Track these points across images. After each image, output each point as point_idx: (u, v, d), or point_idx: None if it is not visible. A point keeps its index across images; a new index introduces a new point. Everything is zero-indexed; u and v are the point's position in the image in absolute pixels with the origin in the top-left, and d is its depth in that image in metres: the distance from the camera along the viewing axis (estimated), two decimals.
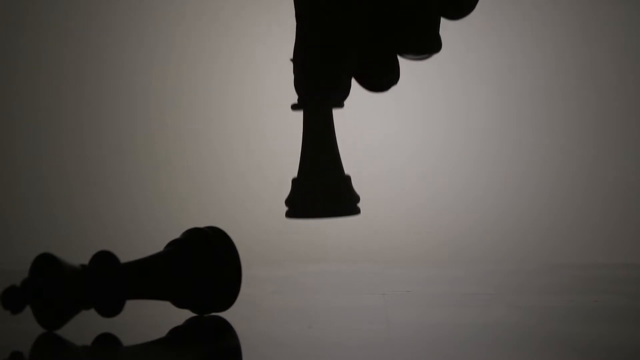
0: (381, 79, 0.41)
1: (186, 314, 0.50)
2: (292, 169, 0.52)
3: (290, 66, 0.46)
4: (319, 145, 0.49)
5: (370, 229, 1.10)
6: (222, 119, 1.11)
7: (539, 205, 1.09)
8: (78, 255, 0.53)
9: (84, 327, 0.46)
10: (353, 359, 0.39)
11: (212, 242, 0.49)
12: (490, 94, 1.09)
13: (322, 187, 0.49)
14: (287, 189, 0.50)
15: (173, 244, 0.49)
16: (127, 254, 0.50)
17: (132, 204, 1.11)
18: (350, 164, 0.63)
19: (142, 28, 1.12)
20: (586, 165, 1.09)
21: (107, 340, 0.44)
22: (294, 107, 0.48)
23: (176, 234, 0.51)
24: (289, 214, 0.49)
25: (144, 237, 1.07)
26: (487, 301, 0.56)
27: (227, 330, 0.47)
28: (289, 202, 0.49)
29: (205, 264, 0.49)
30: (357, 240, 1.02)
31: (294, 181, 0.49)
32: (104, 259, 0.46)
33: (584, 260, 1.02)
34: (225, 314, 0.50)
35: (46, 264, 0.44)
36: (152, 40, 1.12)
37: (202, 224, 0.56)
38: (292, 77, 0.46)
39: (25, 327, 0.45)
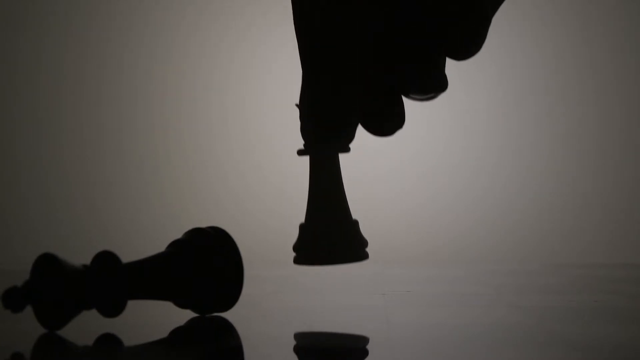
0: (387, 124, 0.40)
1: (187, 314, 0.50)
2: (293, 170, 0.53)
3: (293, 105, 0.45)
4: (326, 191, 0.49)
5: (370, 229, 1.10)
6: (222, 119, 1.11)
7: (539, 205, 1.09)
8: (78, 255, 0.53)
9: (86, 327, 0.46)
10: (353, 359, 0.39)
11: (214, 243, 0.49)
12: (491, 95, 1.09)
13: (330, 234, 0.49)
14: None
15: (175, 244, 0.49)
16: (128, 255, 0.50)
17: (133, 205, 1.11)
18: (351, 165, 0.63)
19: (142, 28, 1.12)
20: (586, 166, 1.09)
21: (108, 341, 0.44)
22: (300, 152, 0.48)
23: (177, 234, 0.52)
24: (296, 260, 0.50)
25: (145, 238, 1.08)
26: (487, 301, 0.57)
27: (228, 331, 0.47)
28: (296, 248, 0.50)
29: (207, 265, 0.49)
30: None
31: (301, 227, 0.50)
32: (106, 259, 0.46)
33: (584, 260, 1.02)
34: (225, 314, 0.50)
35: (47, 264, 0.44)
36: (152, 40, 1.12)
37: (202, 224, 0.57)
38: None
39: (27, 327, 0.45)
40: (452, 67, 0.43)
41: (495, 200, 1.10)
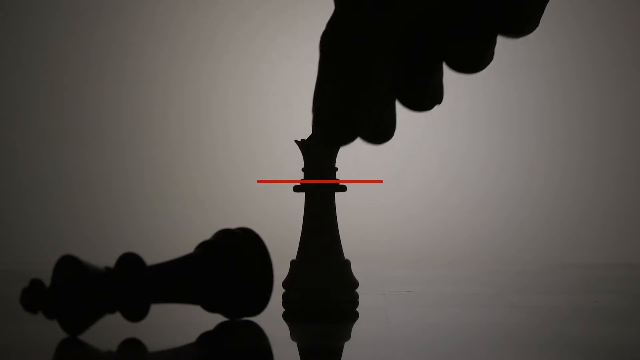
0: (425, 97, 0.36)
1: (216, 318, 0.50)
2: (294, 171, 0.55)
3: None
4: (320, 229, 0.53)
5: (371, 229, 1.12)
6: (241, 119, 1.13)
7: (540, 207, 1.12)
8: (92, 257, 0.53)
9: (109, 331, 0.45)
10: (353, 359, 0.41)
11: (243, 244, 0.49)
12: (492, 96, 1.11)
13: (320, 272, 0.53)
14: None
15: (203, 245, 0.49)
16: (153, 256, 0.51)
17: (154, 206, 1.13)
18: (354, 167, 0.65)
19: (146, 30, 1.14)
20: (587, 167, 1.12)
21: (132, 346, 0.44)
22: (297, 189, 0.53)
23: (195, 236, 0.54)
24: (285, 297, 0.54)
25: (167, 240, 1.08)
26: (488, 301, 0.58)
27: (257, 334, 0.47)
28: (286, 284, 0.54)
29: (236, 267, 0.48)
30: (358, 240, 1.03)
31: (292, 263, 0.54)
32: (130, 261, 0.45)
33: (585, 261, 1.04)
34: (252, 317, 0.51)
35: (69, 266, 0.43)
36: (171, 44, 1.13)
37: (212, 224, 0.59)
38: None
39: (48, 331, 0.45)
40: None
41: (497, 203, 1.12)
